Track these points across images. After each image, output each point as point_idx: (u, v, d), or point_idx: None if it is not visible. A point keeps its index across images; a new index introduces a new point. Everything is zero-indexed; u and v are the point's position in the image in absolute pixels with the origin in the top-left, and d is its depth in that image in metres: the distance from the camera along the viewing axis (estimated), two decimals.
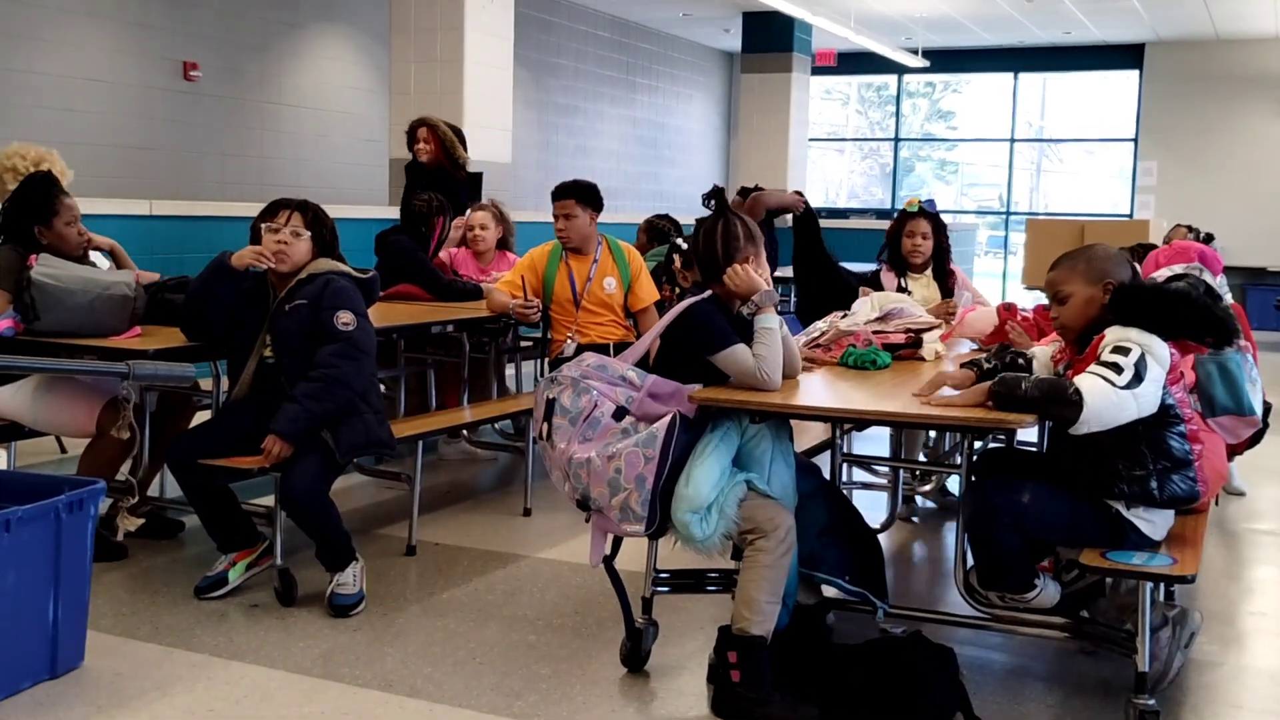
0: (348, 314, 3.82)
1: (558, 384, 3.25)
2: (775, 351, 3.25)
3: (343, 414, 3.80)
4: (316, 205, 4.04)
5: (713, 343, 3.26)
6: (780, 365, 3.27)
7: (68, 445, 5.58)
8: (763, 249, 3.42)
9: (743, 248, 3.36)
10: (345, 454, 3.81)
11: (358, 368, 3.82)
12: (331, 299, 3.83)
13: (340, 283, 3.89)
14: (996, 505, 3.17)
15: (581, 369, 3.26)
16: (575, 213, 5.17)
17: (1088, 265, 3.22)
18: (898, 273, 5.25)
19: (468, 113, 8.85)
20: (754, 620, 3.04)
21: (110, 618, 3.66)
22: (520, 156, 11.77)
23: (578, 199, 5.18)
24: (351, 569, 3.83)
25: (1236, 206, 16.22)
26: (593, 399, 3.20)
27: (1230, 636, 3.92)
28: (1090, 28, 15.95)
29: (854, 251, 13.24)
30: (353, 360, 3.80)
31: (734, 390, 3.21)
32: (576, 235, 5.19)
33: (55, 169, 4.65)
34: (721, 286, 3.36)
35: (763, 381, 3.20)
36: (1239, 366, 3.82)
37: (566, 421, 3.19)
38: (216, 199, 9.88)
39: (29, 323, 4.00)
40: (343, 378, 3.78)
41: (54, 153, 4.75)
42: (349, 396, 3.80)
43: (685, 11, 15.87)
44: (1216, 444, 3.56)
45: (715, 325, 3.30)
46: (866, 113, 20.47)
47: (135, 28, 9.94)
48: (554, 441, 3.20)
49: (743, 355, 3.23)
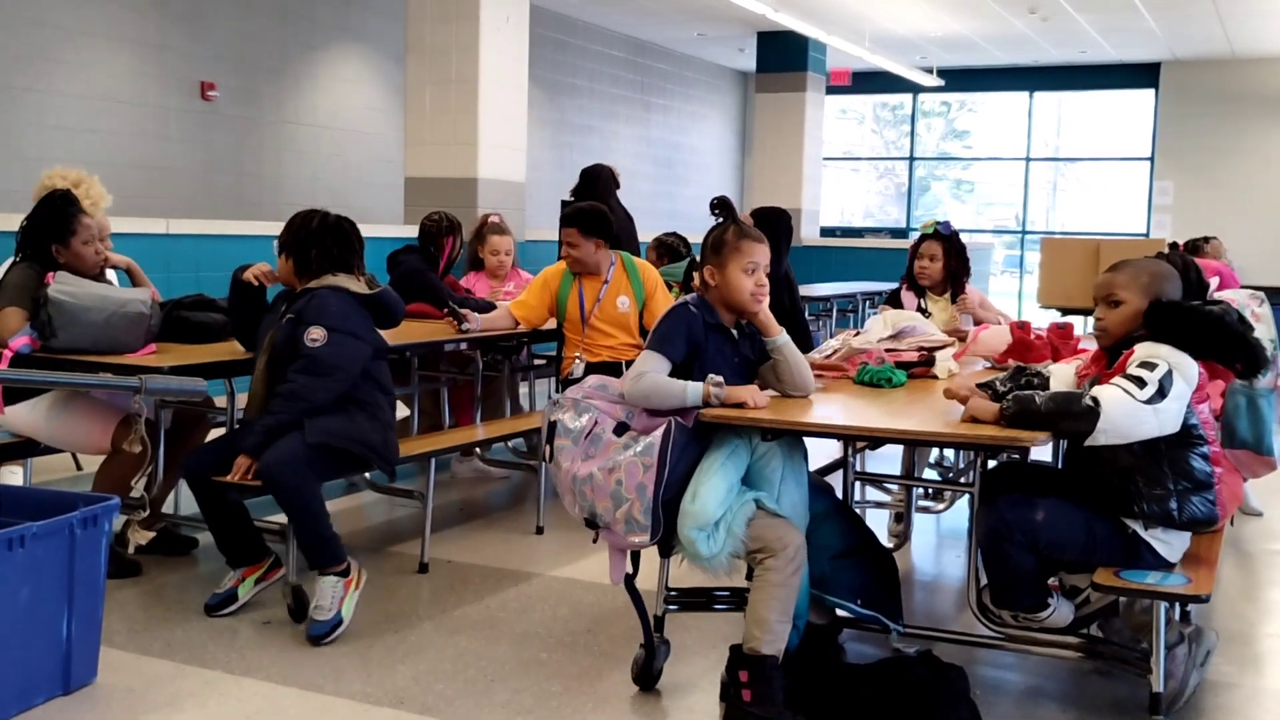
0: (318, 330, 3.79)
1: (560, 406, 3.26)
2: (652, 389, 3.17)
3: (320, 412, 3.78)
4: (298, 217, 4.00)
5: (653, 339, 3.27)
6: (649, 400, 3.18)
7: (83, 462, 5.61)
8: (762, 259, 3.35)
9: (724, 251, 3.33)
10: (314, 435, 3.74)
11: (318, 384, 3.78)
12: (310, 314, 3.82)
13: (324, 299, 3.86)
14: (1010, 523, 3.15)
15: (583, 390, 3.28)
16: (577, 241, 5.17)
17: (1150, 279, 3.20)
18: (917, 293, 5.26)
19: (482, 132, 8.90)
20: (765, 639, 3.03)
21: (123, 634, 3.68)
22: (534, 175, 11.82)
23: (581, 229, 5.16)
24: (332, 583, 3.74)
25: (1253, 225, 16.18)
26: (593, 417, 3.20)
27: (1247, 657, 3.89)
28: (1106, 47, 15.96)
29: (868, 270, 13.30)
30: (313, 376, 3.77)
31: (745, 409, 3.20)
32: (581, 264, 5.22)
33: (94, 193, 4.70)
34: (706, 290, 3.37)
35: (626, 392, 3.20)
36: (1270, 405, 3.80)
37: (569, 441, 3.19)
38: (234, 218, 9.94)
39: (46, 340, 4.03)
40: (298, 392, 3.76)
41: (95, 178, 4.81)
42: (308, 409, 3.77)
43: (700, 31, 15.94)
44: (1232, 466, 3.55)
45: (662, 326, 3.30)
46: (882, 132, 20.49)
47: (154, 49, 10.03)
48: (559, 462, 3.21)
49: (644, 364, 3.19)
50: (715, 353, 3.29)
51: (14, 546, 3.00)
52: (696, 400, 3.13)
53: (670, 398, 3.15)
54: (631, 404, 3.20)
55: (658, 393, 3.16)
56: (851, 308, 11.17)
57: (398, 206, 9.60)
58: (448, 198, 8.67)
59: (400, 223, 9.18)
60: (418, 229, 6.08)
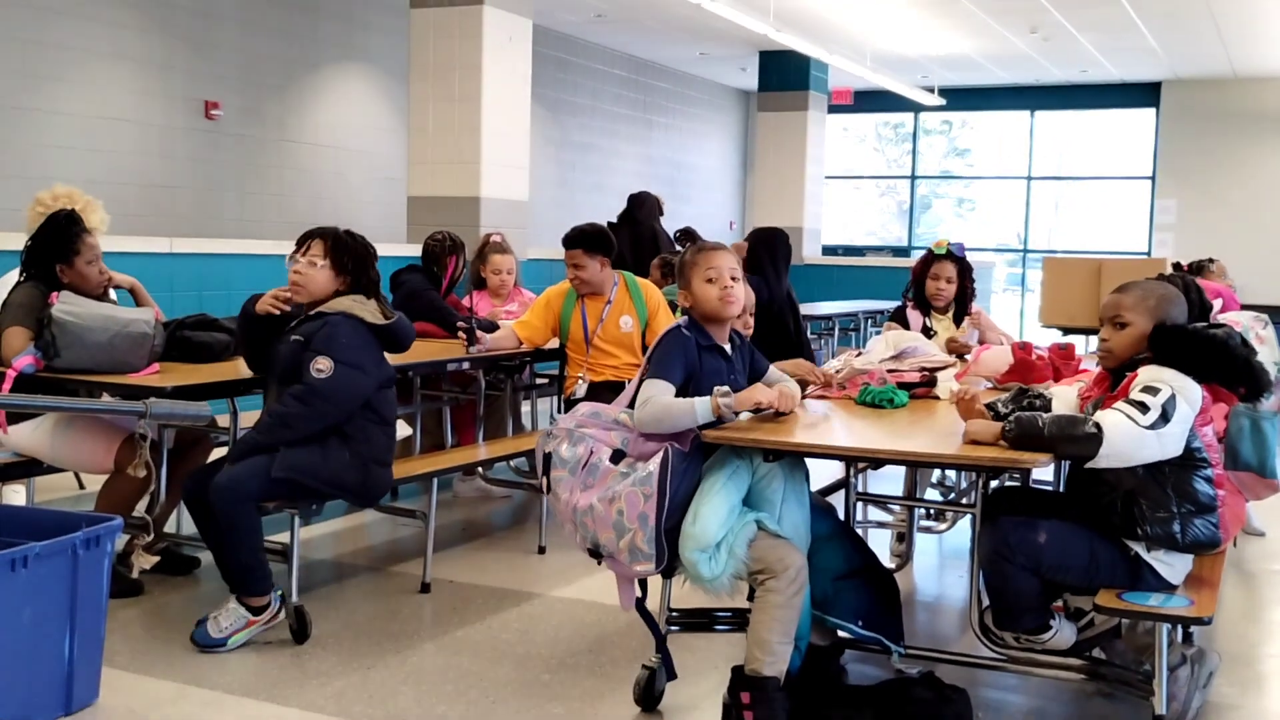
0: (325, 360, 3.74)
1: (553, 437, 3.26)
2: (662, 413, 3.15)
3: (300, 443, 3.75)
4: (338, 231, 3.96)
5: (651, 367, 3.27)
6: (661, 424, 3.15)
7: (86, 481, 5.61)
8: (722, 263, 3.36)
9: (685, 270, 3.38)
10: (280, 470, 3.70)
11: (309, 414, 3.75)
12: (320, 342, 3.78)
13: (337, 327, 3.82)
14: (1012, 544, 3.14)
15: (576, 419, 3.28)
16: (583, 262, 5.20)
17: (1158, 302, 3.21)
18: (922, 312, 5.26)
19: (485, 150, 8.92)
20: (767, 661, 3.03)
21: (125, 654, 3.67)
22: (537, 194, 11.85)
23: (585, 248, 5.19)
24: (238, 612, 3.73)
25: (1255, 244, 16.19)
26: (589, 446, 3.20)
27: (1249, 679, 3.88)
28: (1107, 66, 16.00)
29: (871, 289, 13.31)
30: (306, 406, 3.74)
31: (746, 429, 3.21)
32: (588, 284, 5.23)
33: (96, 216, 4.73)
34: (692, 309, 3.38)
35: (636, 421, 3.19)
36: (1273, 427, 3.80)
37: (566, 472, 3.19)
38: (238, 236, 9.96)
39: (49, 359, 4.04)
40: (289, 419, 3.74)
41: (98, 202, 4.84)
42: (289, 438, 3.74)
43: (702, 51, 15.98)
44: (1234, 488, 3.55)
45: (658, 352, 3.30)
46: (884, 150, 20.52)
47: (158, 68, 10.07)
48: (558, 493, 3.21)
49: (649, 391, 3.18)
50: (711, 373, 3.30)
51: (17, 567, 3.00)
52: (707, 415, 3.12)
53: (682, 417, 3.13)
54: (642, 431, 3.18)
55: (669, 415, 3.14)
56: (854, 326, 11.17)
57: (401, 225, 9.63)
58: (451, 216, 8.70)
59: (403, 241, 9.20)
60: (421, 248, 6.10)
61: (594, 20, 14.15)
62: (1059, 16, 12.92)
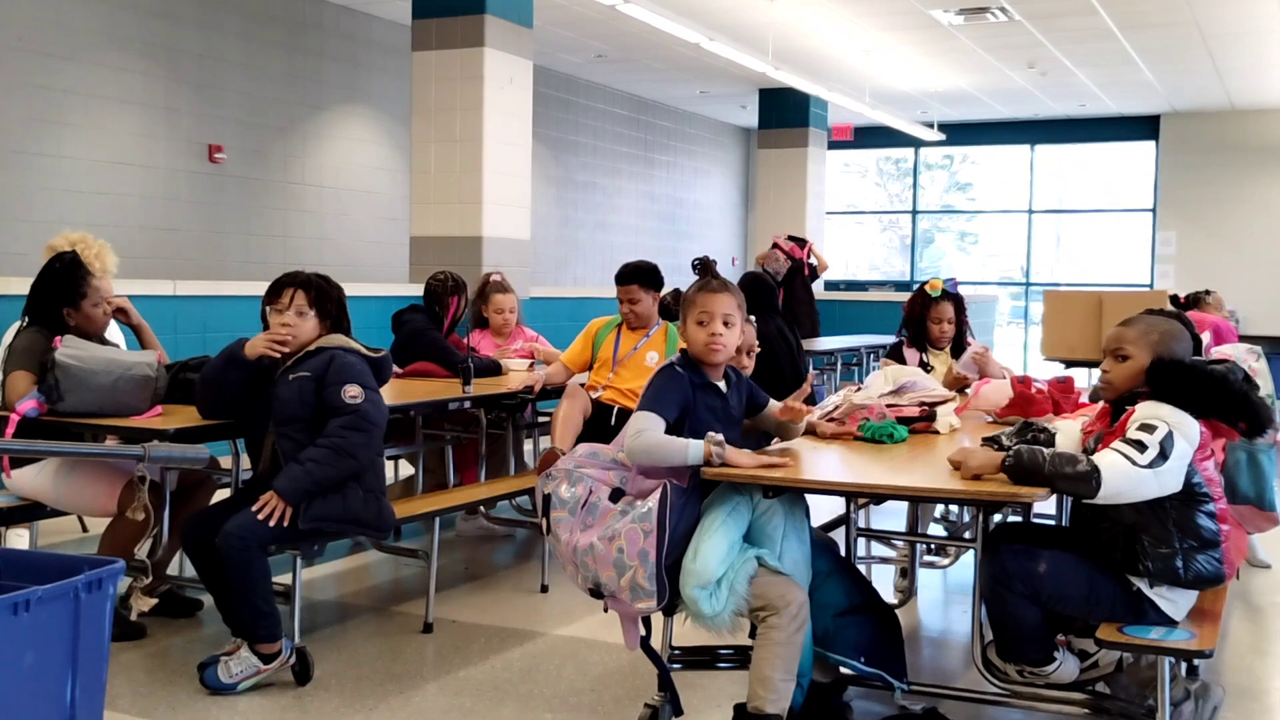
0: (355, 387, 3.81)
1: (552, 479, 3.27)
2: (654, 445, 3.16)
3: (320, 491, 3.76)
4: (320, 279, 4.04)
5: (644, 401, 3.27)
6: (650, 456, 3.15)
7: (89, 524, 5.61)
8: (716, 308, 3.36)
9: (684, 308, 3.41)
10: (307, 520, 3.73)
11: (366, 440, 3.82)
12: (337, 374, 3.84)
13: (346, 358, 3.90)
14: (1011, 572, 3.14)
15: (574, 459, 3.29)
16: (639, 296, 5.39)
17: (1160, 337, 3.20)
18: (919, 349, 5.28)
19: (487, 190, 8.98)
20: (769, 698, 3.02)
21: (127, 697, 3.67)
22: (540, 232, 11.91)
23: (641, 284, 5.39)
24: (250, 660, 3.73)
25: (1256, 275, 16.22)
26: (588, 486, 3.21)
27: (1255, 712, 3.86)
28: (1105, 100, 16.09)
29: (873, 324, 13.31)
30: (362, 433, 3.81)
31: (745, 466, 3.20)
32: (640, 318, 5.42)
33: (109, 260, 4.77)
34: (689, 346, 3.40)
35: (626, 449, 3.19)
36: (1270, 460, 3.79)
37: (565, 513, 3.20)
38: (241, 278, 10.01)
39: (53, 403, 4.06)
40: (350, 448, 3.78)
41: (109, 246, 4.88)
42: (355, 468, 3.80)
43: (702, 89, 16.10)
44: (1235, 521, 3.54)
45: (652, 387, 3.31)
46: (885, 185, 20.60)
47: (162, 112, 10.15)
48: (558, 534, 3.21)
49: (642, 423, 3.18)
50: (705, 411, 3.31)
51: (19, 610, 3.00)
52: (698, 460, 3.13)
53: (672, 454, 3.14)
54: (632, 460, 3.20)
55: (659, 450, 3.15)
56: (856, 361, 11.17)
57: (403, 265, 9.67)
58: (453, 256, 8.74)
59: (405, 281, 9.24)
60: (423, 288, 6.13)
61: (595, 60, 14.27)
62: (1056, 52, 13.02)
